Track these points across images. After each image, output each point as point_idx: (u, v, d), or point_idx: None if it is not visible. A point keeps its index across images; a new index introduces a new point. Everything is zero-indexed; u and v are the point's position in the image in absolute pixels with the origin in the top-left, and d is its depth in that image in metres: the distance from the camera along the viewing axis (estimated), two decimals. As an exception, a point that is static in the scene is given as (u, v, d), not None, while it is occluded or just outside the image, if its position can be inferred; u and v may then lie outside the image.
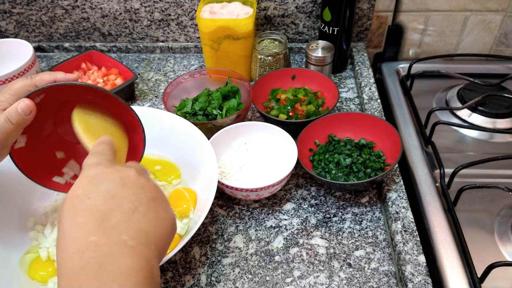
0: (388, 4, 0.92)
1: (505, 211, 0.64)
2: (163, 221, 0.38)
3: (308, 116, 0.76)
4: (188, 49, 1.02)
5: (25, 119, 0.47)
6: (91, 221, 0.34)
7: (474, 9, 0.91)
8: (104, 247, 0.33)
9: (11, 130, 0.47)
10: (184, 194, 0.64)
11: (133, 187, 0.38)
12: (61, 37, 1.03)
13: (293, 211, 0.66)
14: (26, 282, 0.55)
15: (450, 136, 0.77)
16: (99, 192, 0.37)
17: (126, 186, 0.38)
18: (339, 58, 0.91)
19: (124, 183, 0.38)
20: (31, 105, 0.47)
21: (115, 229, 0.34)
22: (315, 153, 0.71)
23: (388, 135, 0.69)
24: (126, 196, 0.37)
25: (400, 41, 0.97)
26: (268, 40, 0.87)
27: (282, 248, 0.61)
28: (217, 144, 0.68)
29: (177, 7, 0.95)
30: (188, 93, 0.81)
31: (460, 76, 0.84)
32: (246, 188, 0.61)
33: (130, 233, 0.35)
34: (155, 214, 0.38)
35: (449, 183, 0.66)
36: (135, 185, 0.39)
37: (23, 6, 0.97)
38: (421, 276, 0.54)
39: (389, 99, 0.86)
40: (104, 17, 0.98)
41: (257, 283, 0.57)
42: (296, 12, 0.94)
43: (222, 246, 0.62)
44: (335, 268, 0.58)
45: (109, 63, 0.90)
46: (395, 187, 0.66)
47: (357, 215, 0.65)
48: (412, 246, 0.57)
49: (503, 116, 0.78)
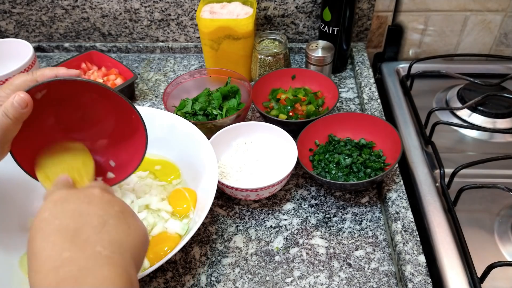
0: (388, 4, 0.92)
1: (505, 211, 0.64)
2: (135, 231, 0.39)
3: (308, 116, 0.76)
4: (188, 49, 1.02)
5: (22, 112, 0.46)
6: (62, 239, 0.34)
7: (474, 9, 0.91)
8: (79, 261, 0.33)
9: (9, 125, 0.46)
10: (184, 194, 0.64)
11: (100, 203, 0.39)
12: (61, 37, 1.03)
13: (293, 211, 0.66)
14: (26, 282, 0.55)
15: (450, 136, 0.77)
16: (66, 211, 0.37)
17: (93, 203, 0.38)
18: (339, 58, 0.91)
19: (90, 201, 0.38)
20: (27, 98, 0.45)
21: (88, 242, 0.34)
22: (315, 153, 0.71)
23: (388, 135, 0.69)
24: (94, 212, 0.37)
25: (400, 41, 0.97)
26: (268, 40, 0.87)
27: (282, 248, 0.61)
28: (217, 144, 0.68)
29: (177, 7, 0.95)
30: (188, 93, 0.81)
31: (460, 76, 0.84)
32: (246, 188, 0.61)
33: (103, 244, 0.35)
34: (126, 225, 0.38)
35: (449, 183, 0.66)
36: (101, 201, 0.39)
37: (23, 6, 0.97)
38: (421, 276, 0.54)
39: (389, 99, 0.86)
40: (104, 17, 0.98)
41: (257, 283, 0.57)
42: (296, 12, 0.94)
43: (222, 246, 0.62)
44: (335, 268, 0.58)
45: (109, 63, 0.90)
46: (395, 187, 0.66)
47: (357, 215, 0.65)
48: (412, 246, 0.57)
49: (503, 116, 0.78)
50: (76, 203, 0.38)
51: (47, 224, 0.35)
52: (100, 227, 0.36)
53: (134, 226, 0.39)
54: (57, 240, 0.34)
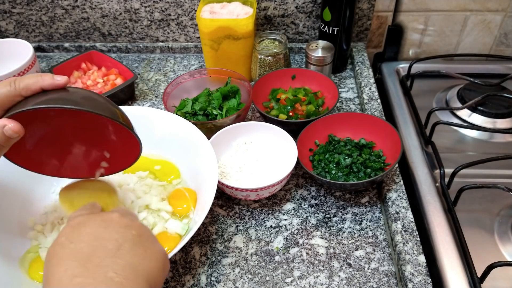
0: (388, 4, 0.92)
1: (505, 211, 0.64)
2: (152, 255, 0.38)
3: (308, 116, 0.76)
4: (188, 49, 1.02)
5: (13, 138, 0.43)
6: (74, 264, 0.34)
7: (474, 9, 0.91)
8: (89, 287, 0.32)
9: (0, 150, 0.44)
10: (184, 194, 0.64)
11: (117, 227, 0.38)
12: (61, 37, 1.03)
13: (293, 211, 0.66)
14: (26, 282, 0.55)
15: (450, 136, 0.77)
16: (81, 236, 0.36)
17: (109, 227, 0.38)
18: (339, 58, 0.91)
19: (107, 225, 0.38)
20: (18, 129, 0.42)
21: (100, 267, 0.34)
22: (315, 153, 0.71)
23: (388, 135, 0.69)
24: (109, 236, 0.37)
25: (400, 41, 0.97)
26: (268, 40, 0.87)
27: (282, 248, 0.61)
28: (217, 144, 0.68)
29: (177, 7, 0.95)
30: (188, 93, 0.81)
31: (460, 76, 0.84)
32: (246, 188, 0.61)
33: (116, 269, 0.34)
34: (142, 249, 0.37)
35: (449, 183, 0.66)
36: (118, 225, 0.38)
37: (23, 6, 0.97)
38: (421, 276, 0.54)
39: (389, 99, 0.86)
40: (104, 17, 0.98)
41: (257, 283, 0.57)
42: (296, 12, 0.94)
43: (222, 246, 0.62)
44: (335, 268, 0.58)
45: (109, 63, 0.91)
46: (395, 187, 0.66)
47: (357, 215, 0.65)
48: (412, 246, 0.57)
49: (503, 116, 0.78)
50: (93, 227, 0.38)
51: (62, 248, 0.35)
52: (114, 250, 0.35)
53: (151, 250, 0.38)
54: (70, 265, 0.34)
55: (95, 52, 0.93)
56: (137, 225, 0.40)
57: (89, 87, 0.86)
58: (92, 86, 0.86)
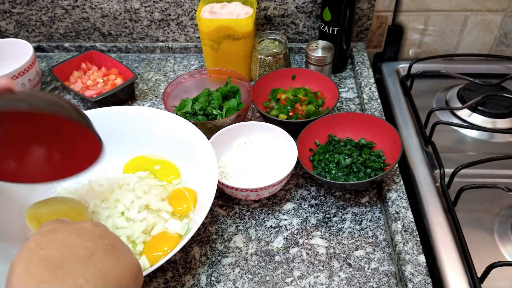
0: (388, 4, 0.92)
1: (505, 211, 0.64)
2: (125, 265, 0.37)
3: (308, 116, 0.76)
4: (188, 49, 1.02)
5: None
6: (42, 270, 0.33)
7: (474, 9, 0.91)
8: None
9: None
10: (184, 194, 0.64)
11: (89, 235, 0.37)
12: (61, 37, 1.03)
13: (293, 211, 0.66)
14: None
15: (450, 136, 0.77)
16: (52, 242, 0.35)
17: (82, 235, 0.37)
18: (339, 58, 0.91)
19: (79, 233, 0.37)
20: None
21: (70, 274, 0.33)
22: (315, 153, 0.71)
23: (388, 135, 0.69)
24: (81, 244, 0.36)
25: (400, 41, 0.97)
26: (268, 40, 0.87)
27: (282, 248, 0.61)
28: (217, 144, 0.68)
29: (177, 7, 0.95)
30: (188, 93, 0.81)
31: (460, 76, 0.84)
32: (246, 188, 0.61)
33: (86, 276, 0.33)
34: (115, 258, 0.37)
35: (449, 183, 0.66)
36: (91, 234, 0.38)
37: (23, 6, 0.97)
38: (421, 276, 0.54)
39: (389, 99, 0.86)
40: (104, 17, 0.98)
41: (257, 283, 0.57)
42: (296, 12, 0.94)
43: (222, 246, 0.62)
44: (335, 268, 0.58)
45: (109, 63, 0.91)
46: (395, 187, 0.66)
47: (357, 215, 0.65)
48: (412, 246, 0.57)
49: (503, 116, 0.78)
50: (64, 234, 0.36)
51: (31, 254, 0.34)
52: (86, 258, 0.34)
53: (125, 260, 0.37)
54: (38, 270, 0.33)
55: (95, 52, 0.93)
56: (111, 235, 0.39)
57: (89, 87, 0.86)
58: (92, 86, 0.86)
